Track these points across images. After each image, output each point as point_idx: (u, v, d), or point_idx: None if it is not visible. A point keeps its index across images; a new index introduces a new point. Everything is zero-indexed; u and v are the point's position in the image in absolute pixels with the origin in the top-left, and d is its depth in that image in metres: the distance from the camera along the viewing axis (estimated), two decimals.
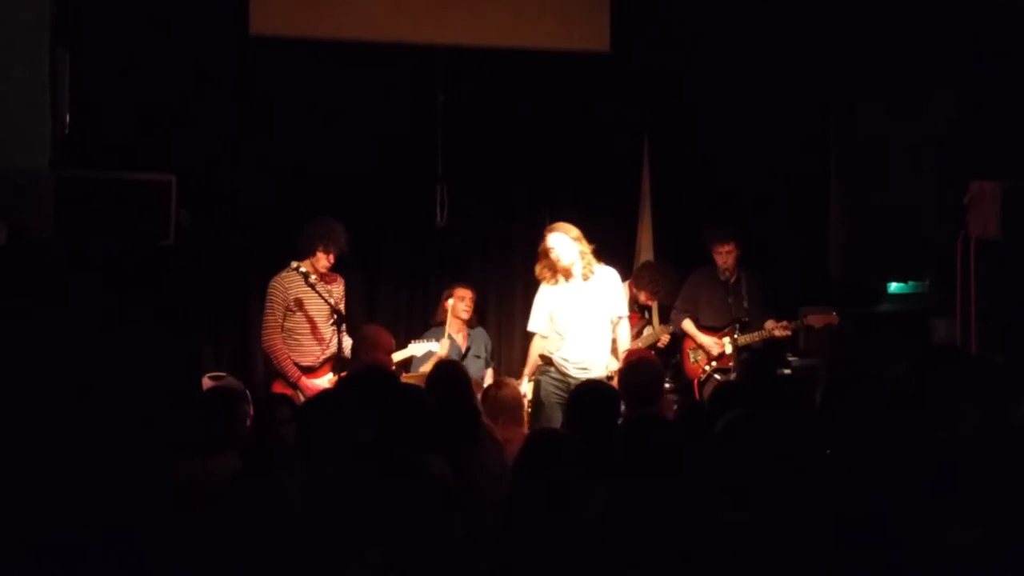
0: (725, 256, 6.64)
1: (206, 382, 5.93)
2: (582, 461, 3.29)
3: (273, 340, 6.10)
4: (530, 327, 6.12)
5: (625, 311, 6.17)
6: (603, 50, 7.11)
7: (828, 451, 3.44)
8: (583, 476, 3.24)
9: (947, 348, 4.98)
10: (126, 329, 3.65)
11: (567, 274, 5.93)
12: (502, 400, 4.86)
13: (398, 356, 6.33)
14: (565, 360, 5.90)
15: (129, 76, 6.34)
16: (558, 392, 5.79)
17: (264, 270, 6.33)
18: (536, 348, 6.06)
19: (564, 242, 5.91)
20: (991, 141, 6.35)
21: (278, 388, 6.03)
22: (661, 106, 7.40)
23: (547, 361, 5.96)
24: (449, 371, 4.79)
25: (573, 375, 5.82)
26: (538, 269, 6.08)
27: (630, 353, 6.43)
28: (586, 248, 5.95)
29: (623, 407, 4.58)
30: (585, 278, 5.93)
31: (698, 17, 7.19)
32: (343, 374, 5.93)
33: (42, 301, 3.61)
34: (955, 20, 6.68)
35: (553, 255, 5.91)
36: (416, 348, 6.47)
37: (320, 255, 6.12)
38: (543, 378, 5.92)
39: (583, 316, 5.95)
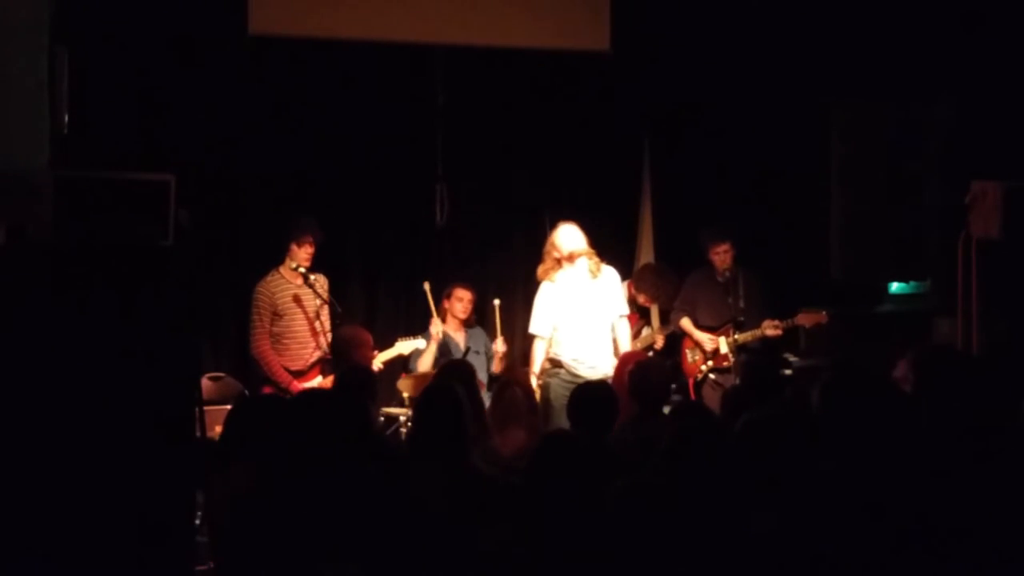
0: (722, 256, 6.62)
1: (204, 383, 5.92)
2: (595, 462, 3.29)
3: (262, 347, 6.09)
4: (532, 329, 6.13)
5: (626, 310, 6.22)
6: (603, 50, 7.11)
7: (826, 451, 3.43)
8: (597, 477, 3.23)
9: (948, 348, 4.97)
10: (124, 330, 3.62)
11: (572, 261, 5.97)
12: (514, 403, 4.62)
13: (386, 355, 6.31)
14: (576, 360, 5.91)
15: (128, 75, 6.34)
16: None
17: (263, 271, 6.32)
18: (539, 350, 6.06)
19: (576, 232, 6.03)
20: (992, 141, 6.35)
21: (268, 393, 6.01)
22: (661, 106, 7.39)
23: (555, 363, 5.97)
24: (459, 368, 4.77)
25: (585, 375, 5.83)
26: (541, 269, 6.12)
27: (627, 356, 6.42)
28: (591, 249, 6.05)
29: (636, 409, 4.62)
30: (593, 275, 6.02)
31: (698, 17, 7.19)
32: (331, 376, 5.93)
33: (40, 301, 3.59)
34: (957, 20, 6.68)
35: (567, 240, 5.97)
36: (403, 346, 6.44)
37: (295, 250, 6.12)
38: (553, 380, 5.92)
39: (591, 314, 6.00)
